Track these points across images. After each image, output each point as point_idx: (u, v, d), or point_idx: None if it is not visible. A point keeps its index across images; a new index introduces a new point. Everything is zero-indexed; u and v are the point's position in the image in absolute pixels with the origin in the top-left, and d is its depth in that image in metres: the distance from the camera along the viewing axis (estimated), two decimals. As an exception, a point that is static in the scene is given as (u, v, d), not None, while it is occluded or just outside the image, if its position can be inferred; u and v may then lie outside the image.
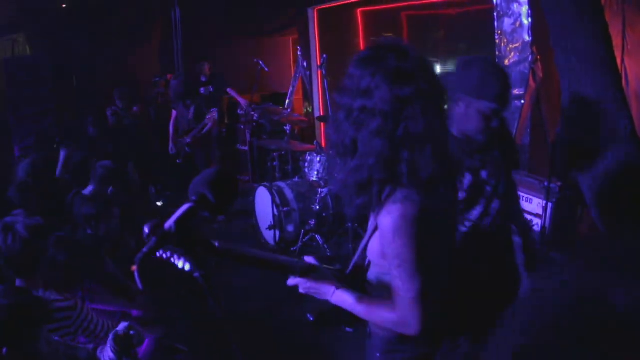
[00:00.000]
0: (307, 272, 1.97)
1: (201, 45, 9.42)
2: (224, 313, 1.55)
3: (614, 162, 3.04)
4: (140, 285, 1.47)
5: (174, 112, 7.68)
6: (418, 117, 1.69)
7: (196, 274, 1.55)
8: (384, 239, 1.82)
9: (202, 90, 8.81)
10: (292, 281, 1.98)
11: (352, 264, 2.16)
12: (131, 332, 2.77)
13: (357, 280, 2.09)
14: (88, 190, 4.29)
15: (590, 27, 2.97)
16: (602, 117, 3.05)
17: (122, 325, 2.86)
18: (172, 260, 1.74)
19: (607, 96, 3.03)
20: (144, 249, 1.47)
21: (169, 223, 1.50)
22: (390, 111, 1.69)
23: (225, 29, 10.05)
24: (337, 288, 1.95)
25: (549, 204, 3.62)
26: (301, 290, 1.98)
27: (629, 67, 3.60)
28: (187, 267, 1.65)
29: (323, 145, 9.05)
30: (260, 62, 7.51)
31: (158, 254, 1.63)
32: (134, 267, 1.47)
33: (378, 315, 1.92)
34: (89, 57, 8.60)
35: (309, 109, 9.42)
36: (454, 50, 6.18)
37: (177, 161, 7.64)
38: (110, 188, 4.32)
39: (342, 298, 1.94)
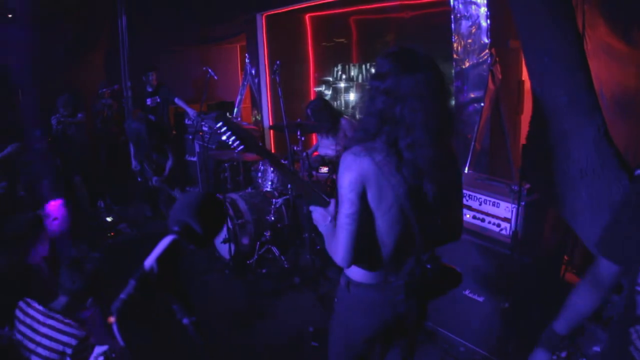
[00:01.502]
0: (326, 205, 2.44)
1: (147, 55, 9.12)
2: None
3: (587, 164, 2.97)
4: (120, 341, 1.23)
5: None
6: (412, 100, 2.12)
7: (185, 320, 1.33)
8: None
9: (148, 101, 8.52)
10: (313, 208, 2.46)
11: None
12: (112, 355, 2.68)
13: None
14: None
15: (562, 27, 2.89)
16: (574, 119, 2.97)
17: (99, 351, 2.71)
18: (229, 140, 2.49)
19: (580, 97, 2.94)
20: (122, 296, 1.24)
21: (149, 261, 1.28)
22: (394, 91, 2.14)
23: (172, 37, 9.77)
24: (330, 221, 2.40)
25: (520, 208, 3.54)
26: (315, 219, 2.46)
27: (590, 67, 3.54)
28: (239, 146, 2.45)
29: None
30: (210, 70, 7.26)
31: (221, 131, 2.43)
32: (112, 319, 1.23)
33: (330, 245, 2.34)
34: (34, 68, 8.20)
35: (257, 117, 9.23)
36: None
37: (139, 179, 7.33)
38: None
39: (328, 229, 2.39)
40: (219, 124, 2.45)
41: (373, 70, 2.32)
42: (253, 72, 8.92)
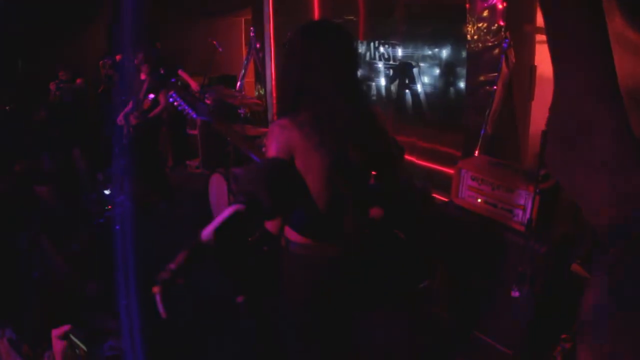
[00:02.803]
0: None
1: (151, 26, 8.99)
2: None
3: (609, 155, 2.91)
4: (163, 312, 1.17)
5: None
6: (324, 70, 2.29)
7: (239, 299, 1.27)
8: None
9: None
10: None
11: None
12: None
13: None
14: None
15: (589, 12, 2.82)
16: (598, 107, 2.91)
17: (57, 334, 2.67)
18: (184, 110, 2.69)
19: (605, 86, 2.86)
20: (171, 266, 1.17)
21: (207, 232, 1.20)
22: (306, 63, 2.32)
23: (176, 9, 9.63)
24: None
25: (536, 195, 3.49)
26: None
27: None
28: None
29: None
30: (216, 43, 7.17)
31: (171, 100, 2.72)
32: (156, 289, 1.16)
33: None
34: (34, 38, 8.06)
35: (261, 91, 9.14)
36: (419, 34, 5.99)
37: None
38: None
39: None
40: (172, 94, 2.63)
41: (285, 45, 2.50)
42: (258, 46, 8.81)
